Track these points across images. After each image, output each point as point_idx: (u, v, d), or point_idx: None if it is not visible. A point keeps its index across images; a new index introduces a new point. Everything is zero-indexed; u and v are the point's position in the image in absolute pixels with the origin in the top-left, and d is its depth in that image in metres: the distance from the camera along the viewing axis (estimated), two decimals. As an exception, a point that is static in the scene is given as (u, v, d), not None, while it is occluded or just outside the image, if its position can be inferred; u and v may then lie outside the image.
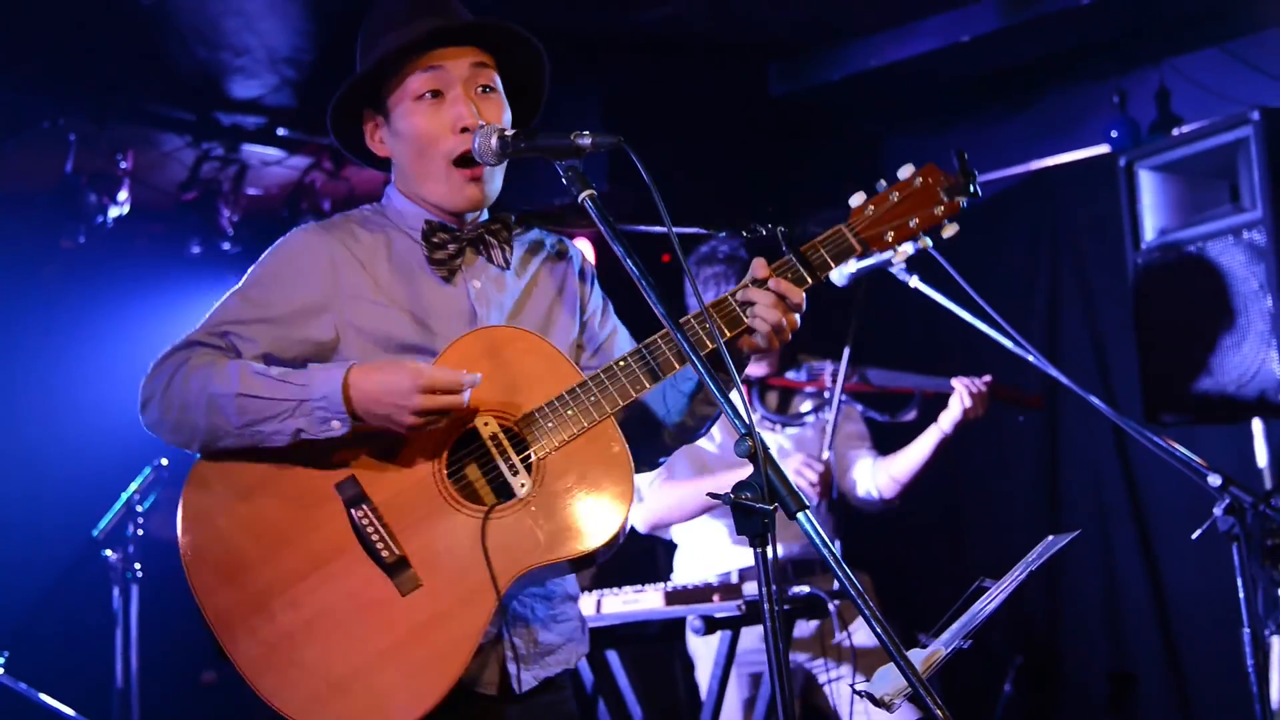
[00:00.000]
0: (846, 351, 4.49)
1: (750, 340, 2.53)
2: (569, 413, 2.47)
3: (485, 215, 2.68)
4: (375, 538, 2.40)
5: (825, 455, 4.40)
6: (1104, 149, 6.15)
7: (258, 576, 2.41)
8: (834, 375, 4.53)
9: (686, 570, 4.63)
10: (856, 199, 2.58)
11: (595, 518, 2.45)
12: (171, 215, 6.45)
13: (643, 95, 6.23)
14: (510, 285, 2.67)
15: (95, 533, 5.30)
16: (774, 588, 2.05)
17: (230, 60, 5.56)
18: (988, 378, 4.49)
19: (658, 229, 3.63)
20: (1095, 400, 3.69)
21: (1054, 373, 3.98)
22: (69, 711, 4.90)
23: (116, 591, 5.31)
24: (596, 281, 2.80)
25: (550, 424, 2.47)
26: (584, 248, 6.96)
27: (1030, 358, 3.92)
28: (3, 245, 6.32)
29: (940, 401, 4.57)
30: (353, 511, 2.42)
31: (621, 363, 2.50)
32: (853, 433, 4.76)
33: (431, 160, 2.57)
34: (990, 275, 6.38)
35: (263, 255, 2.62)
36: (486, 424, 2.48)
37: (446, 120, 2.55)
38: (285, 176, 6.60)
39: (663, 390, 2.63)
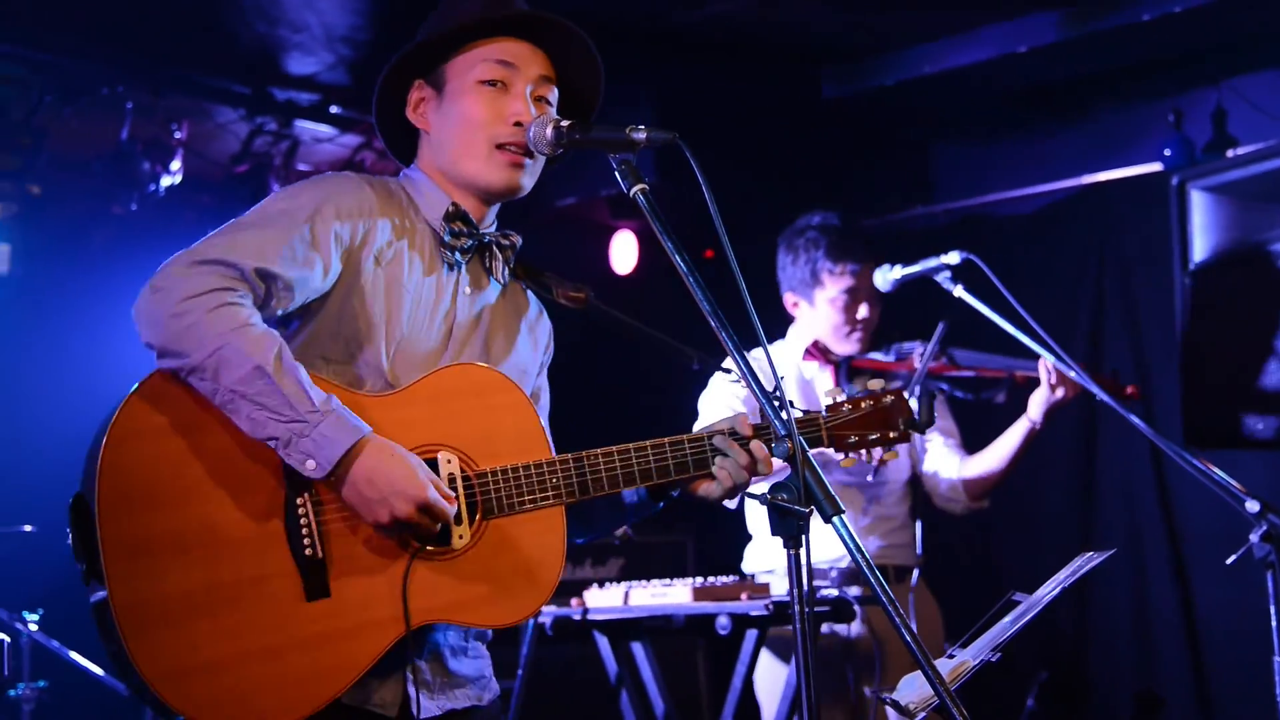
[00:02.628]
0: (939, 331, 4.14)
1: (703, 485, 2.55)
2: (528, 486, 2.43)
3: (495, 225, 2.65)
4: (305, 531, 2.30)
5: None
6: (1156, 167, 6.11)
7: (172, 520, 2.24)
8: (922, 357, 4.26)
9: (756, 560, 4.41)
10: (836, 395, 2.71)
11: (508, 601, 2.41)
12: (222, 187, 6.50)
13: (695, 95, 6.23)
14: (489, 311, 2.64)
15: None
16: (806, 590, 2.06)
17: (288, 36, 5.60)
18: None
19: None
20: (1135, 419, 3.67)
21: (1096, 390, 3.96)
22: (98, 671, 4.97)
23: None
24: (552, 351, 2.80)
25: (506, 489, 2.42)
26: (628, 242, 6.96)
27: (1072, 373, 3.90)
28: (58, 208, 6.39)
29: (1030, 388, 4.27)
30: (294, 496, 2.30)
31: (597, 456, 2.48)
32: (939, 427, 4.48)
33: (475, 141, 2.55)
34: (1035, 288, 6.35)
35: (312, 180, 2.49)
36: (449, 461, 2.41)
37: (504, 110, 2.54)
38: (336, 154, 6.65)
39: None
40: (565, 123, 2.47)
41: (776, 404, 2.14)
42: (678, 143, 2.27)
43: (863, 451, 2.66)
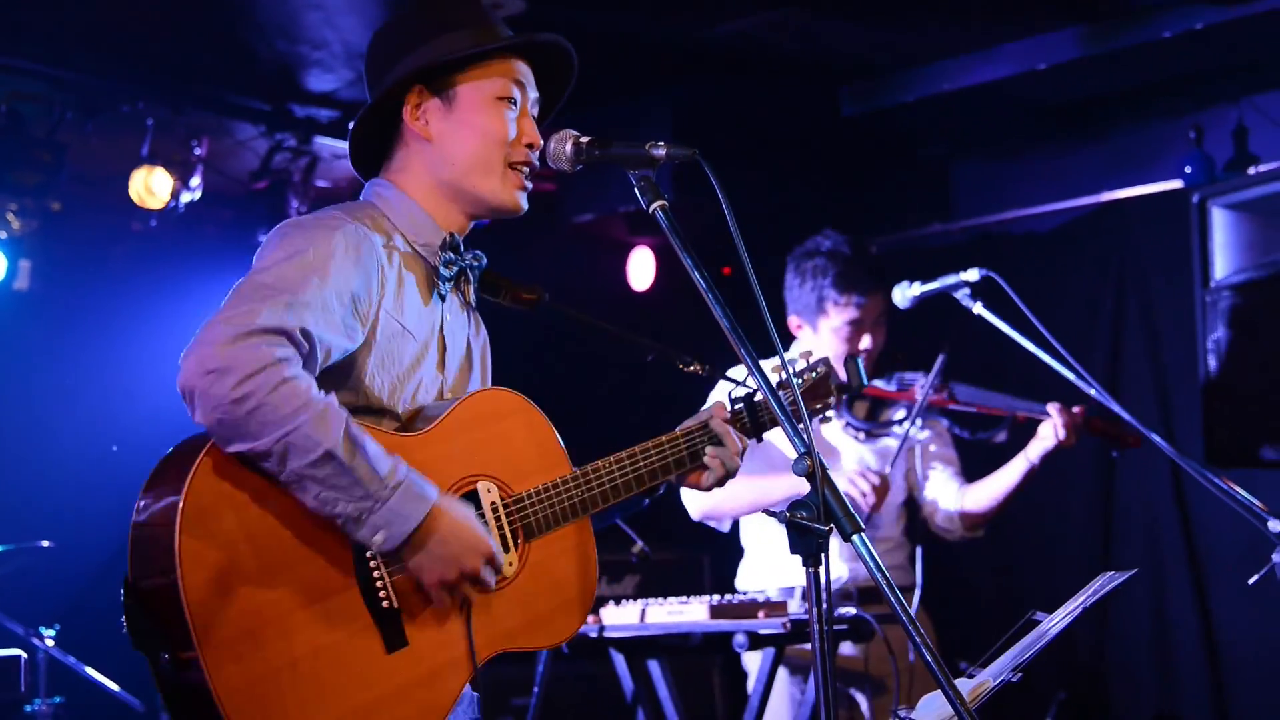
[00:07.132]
0: (938, 364, 4.23)
1: (698, 477, 2.69)
2: (559, 503, 2.50)
3: (463, 248, 2.60)
4: (380, 584, 2.31)
5: (888, 470, 4.19)
6: (1177, 184, 6.08)
7: (254, 596, 2.21)
8: (924, 389, 4.28)
9: (750, 578, 4.43)
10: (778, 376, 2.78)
11: (560, 617, 2.51)
12: (241, 203, 6.52)
13: (714, 110, 6.22)
14: (465, 335, 2.65)
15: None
16: (825, 609, 2.05)
17: (308, 53, 5.62)
18: (1081, 408, 4.25)
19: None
20: (1156, 438, 3.64)
21: (1117, 408, 3.94)
22: (114, 687, 4.98)
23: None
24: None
25: (541, 509, 2.48)
26: (645, 258, 6.96)
27: (1092, 391, 3.88)
28: (78, 224, 6.42)
29: (1030, 427, 4.31)
30: (362, 551, 2.30)
31: (610, 464, 2.56)
32: (941, 455, 4.51)
33: (494, 158, 2.55)
34: (1054, 305, 6.30)
35: (314, 234, 2.37)
36: (489, 490, 2.46)
37: (520, 131, 2.58)
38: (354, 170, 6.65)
39: None
40: (585, 139, 2.46)
41: (795, 419, 2.13)
42: (698, 159, 2.27)
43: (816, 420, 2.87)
